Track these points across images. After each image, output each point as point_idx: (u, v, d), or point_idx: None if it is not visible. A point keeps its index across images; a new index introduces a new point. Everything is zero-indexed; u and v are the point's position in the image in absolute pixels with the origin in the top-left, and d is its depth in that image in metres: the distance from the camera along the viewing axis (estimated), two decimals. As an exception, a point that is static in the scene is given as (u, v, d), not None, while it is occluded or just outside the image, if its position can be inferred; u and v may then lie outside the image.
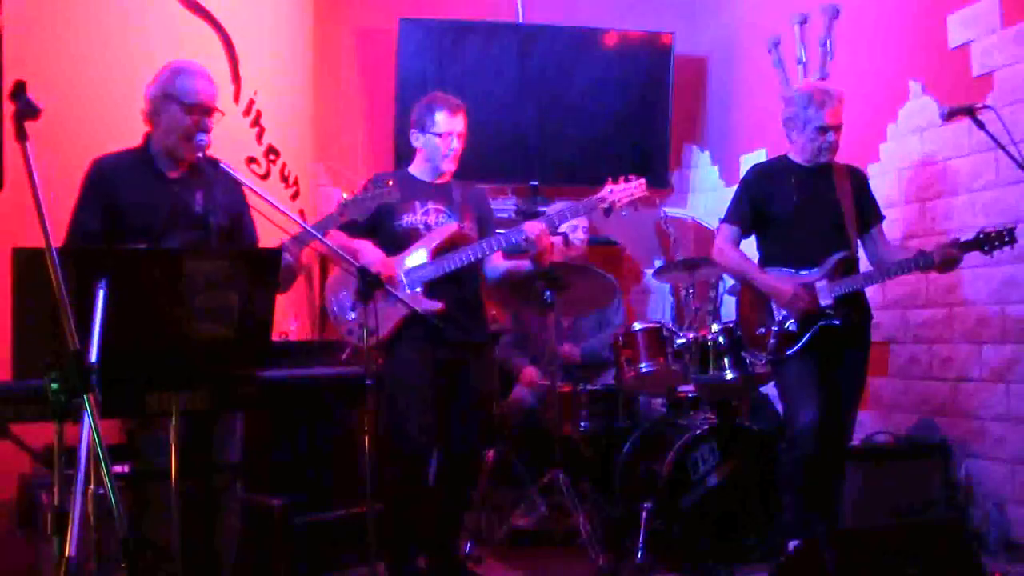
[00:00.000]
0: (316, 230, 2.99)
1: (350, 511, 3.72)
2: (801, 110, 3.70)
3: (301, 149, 5.06)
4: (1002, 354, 4.08)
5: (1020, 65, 3.99)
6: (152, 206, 2.89)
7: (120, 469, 2.77)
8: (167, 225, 2.88)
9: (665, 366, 4.23)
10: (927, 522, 3.30)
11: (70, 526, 1.73)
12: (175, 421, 2.47)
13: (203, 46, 4.19)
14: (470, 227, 3.66)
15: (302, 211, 4.83)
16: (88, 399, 1.79)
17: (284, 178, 4.77)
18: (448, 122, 3.62)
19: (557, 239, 4.49)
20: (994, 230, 3.50)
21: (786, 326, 3.63)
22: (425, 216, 3.61)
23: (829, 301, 3.62)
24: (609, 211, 3.66)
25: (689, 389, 4.48)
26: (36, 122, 1.95)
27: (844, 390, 3.68)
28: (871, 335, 3.81)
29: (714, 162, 6.21)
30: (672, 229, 6.13)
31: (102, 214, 2.85)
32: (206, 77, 2.94)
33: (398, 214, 3.57)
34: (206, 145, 2.87)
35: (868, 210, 3.79)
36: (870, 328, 3.80)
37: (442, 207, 3.64)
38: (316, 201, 5.37)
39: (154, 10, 4.01)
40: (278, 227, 2.88)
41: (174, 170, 2.95)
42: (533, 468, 4.43)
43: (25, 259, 2.16)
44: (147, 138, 2.97)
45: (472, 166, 4.00)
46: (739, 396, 4.47)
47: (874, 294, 4.32)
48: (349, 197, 3.18)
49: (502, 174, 5.83)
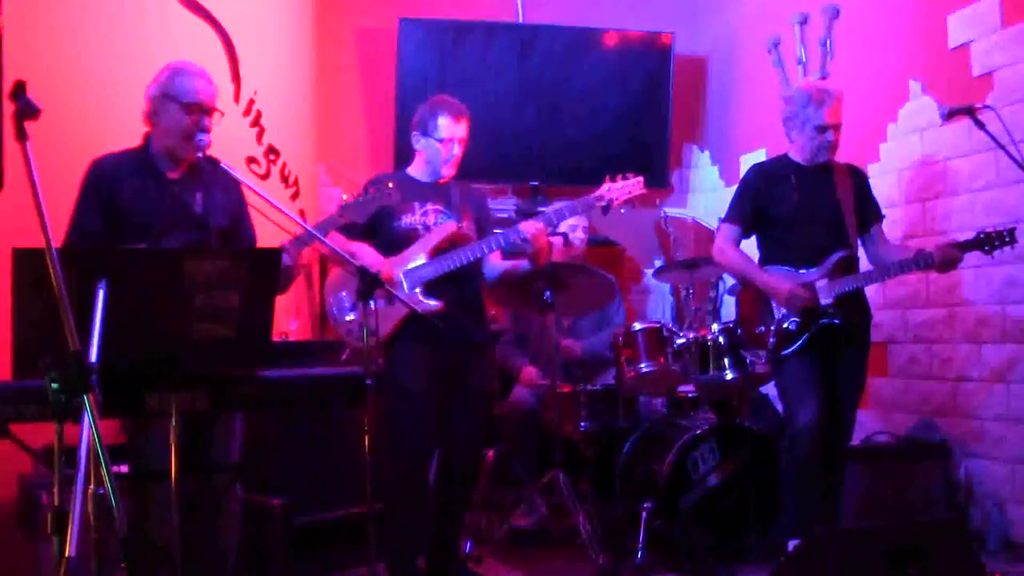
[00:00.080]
0: (316, 231, 2.99)
1: (350, 511, 3.72)
2: (800, 109, 3.70)
3: (301, 149, 5.06)
4: (1002, 354, 4.08)
5: (1020, 65, 3.99)
6: (151, 206, 2.89)
7: (120, 469, 2.77)
8: (167, 225, 2.88)
9: (665, 366, 4.23)
10: (927, 522, 3.29)
11: (70, 526, 1.73)
12: (175, 421, 2.47)
13: (203, 46, 4.19)
14: (469, 227, 3.66)
15: (302, 211, 4.83)
16: (88, 399, 1.79)
17: (284, 178, 4.77)
18: (450, 128, 3.61)
19: (557, 239, 4.50)
20: (994, 230, 3.50)
21: (786, 325, 3.63)
22: (424, 217, 3.61)
23: (829, 300, 3.62)
24: (607, 209, 3.66)
25: (689, 389, 4.48)
26: (36, 122, 1.95)
27: (844, 390, 3.68)
28: (871, 335, 3.81)
29: (714, 162, 6.21)
30: (672, 229, 6.13)
31: (102, 214, 2.85)
32: (205, 77, 2.94)
33: (397, 215, 3.57)
34: (206, 145, 2.87)
35: (868, 209, 3.79)
36: (870, 328, 3.80)
37: (441, 208, 3.64)
38: (317, 201, 5.37)
39: (154, 10, 4.01)
40: (278, 227, 2.89)
41: (174, 170, 2.95)
42: (533, 468, 4.43)
43: (25, 259, 2.16)
44: (147, 138, 2.98)
45: (472, 166, 4.00)
46: (739, 396, 4.47)
47: (874, 294, 4.32)
48: (349, 199, 3.18)
49: (502, 174, 5.83)
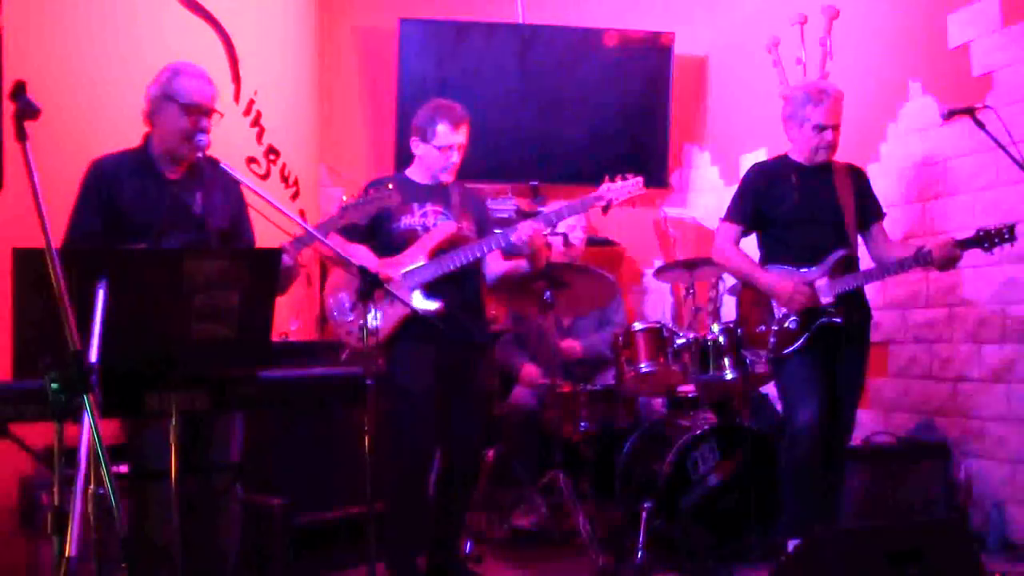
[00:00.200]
0: (316, 232, 2.99)
1: (350, 511, 3.72)
2: (799, 108, 3.71)
3: (301, 149, 5.06)
4: (1002, 354, 4.08)
5: (1020, 65, 3.99)
6: (151, 207, 2.89)
7: (120, 469, 2.77)
8: (166, 226, 2.88)
9: (665, 366, 4.22)
10: (927, 522, 3.30)
11: (70, 526, 1.73)
12: (175, 421, 2.47)
13: (203, 46, 4.19)
14: (468, 228, 3.66)
15: (302, 211, 4.83)
16: (88, 399, 1.79)
17: (284, 178, 4.78)
18: (449, 135, 3.60)
19: (557, 239, 4.50)
20: (994, 228, 3.50)
21: (786, 324, 3.63)
22: (423, 218, 3.61)
23: (829, 299, 3.62)
24: (607, 209, 3.66)
25: (689, 389, 4.48)
26: (36, 122, 1.95)
27: (844, 389, 3.68)
28: (871, 334, 3.81)
29: (714, 162, 6.21)
30: (672, 229, 6.13)
31: (102, 215, 2.85)
32: (204, 78, 2.94)
33: (397, 216, 3.57)
34: (205, 145, 2.87)
35: (868, 208, 3.79)
36: (870, 327, 3.80)
37: (440, 209, 3.64)
38: (317, 201, 5.37)
39: (154, 10, 4.01)
40: (278, 227, 2.89)
41: (173, 171, 2.95)
42: (533, 468, 4.43)
43: (25, 259, 2.16)
44: (147, 139, 2.98)
45: (472, 166, 4.00)
46: (739, 396, 4.47)
47: (874, 294, 4.32)
48: (350, 200, 3.19)
49: (502, 174, 5.83)
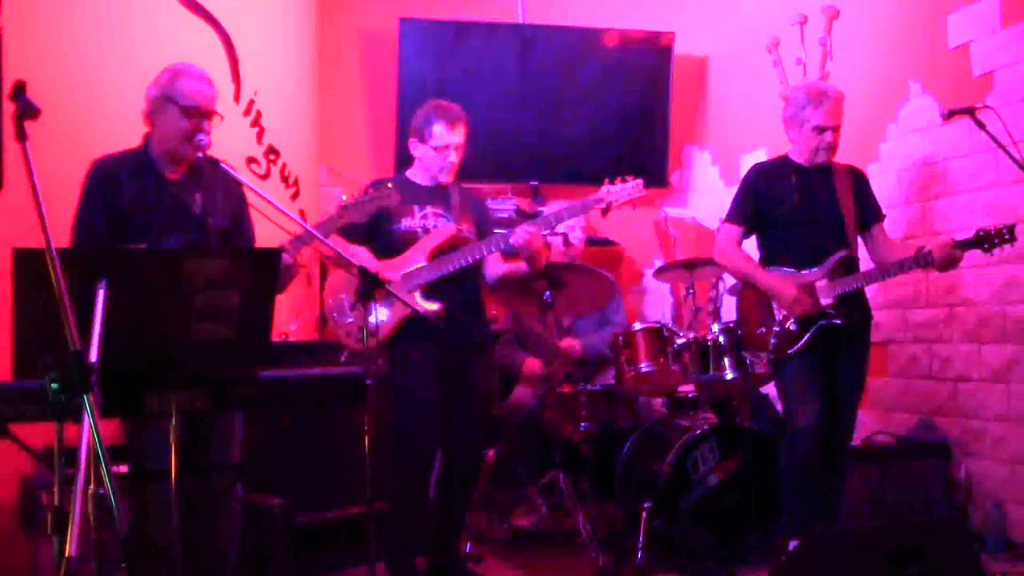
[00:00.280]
0: (316, 231, 2.99)
1: (350, 511, 3.72)
2: (799, 109, 3.71)
3: (301, 149, 5.06)
4: (1002, 354, 4.08)
5: (1020, 65, 3.99)
6: (151, 207, 2.88)
7: (120, 469, 2.77)
8: (166, 226, 2.88)
9: (665, 366, 4.23)
10: (927, 522, 3.30)
11: (70, 526, 1.73)
12: (175, 421, 2.47)
13: (203, 46, 4.19)
14: (468, 230, 3.66)
15: (302, 211, 4.83)
16: (88, 399, 1.79)
17: (284, 178, 4.78)
18: (445, 135, 3.60)
19: (557, 239, 4.50)
20: (994, 228, 3.50)
21: (787, 325, 3.63)
22: (424, 220, 3.61)
23: (829, 300, 3.62)
24: (607, 211, 3.66)
25: (689, 389, 4.48)
26: (36, 122, 1.95)
27: (844, 390, 3.68)
28: (871, 334, 3.81)
29: (714, 162, 6.21)
30: (672, 229, 6.13)
31: (105, 215, 2.85)
32: (206, 80, 2.93)
33: (397, 218, 3.57)
34: (206, 145, 2.87)
35: (868, 209, 3.79)
36: (870, 327, 3.80)
37: (440, 211, 3.64)
38: (317, 201, 5.37)
39: (155, 10, 4.01)
40: (278, 227, 2.88)
41: (173, 171, 2.95)
42: (533, 468, 4.43)
43: (25, 259, 2.16)
44: (146, 139, 2.97)
45: (472, 166, 4.00)
46: (739, 396, 4.47)
47: (874, 294, 4.32)
48: (350, 200, 3.18)
49: (502, 174, 5.83)
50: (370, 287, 2.88)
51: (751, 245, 3.86)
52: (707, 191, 6.22)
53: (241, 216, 3.09)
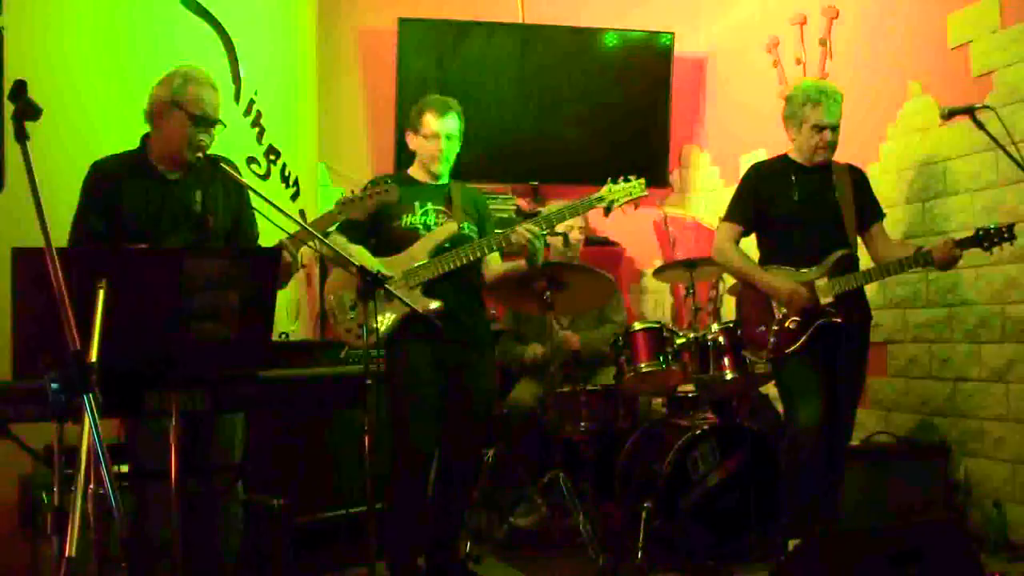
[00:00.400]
0: (315, 227, 2.99)
1: (350, 511, 3.72)
2: (798, 108, 3.71)
3: (301, 149, 5.06)
4: (1002, 354, 4.08)
5: (1020, 65, 3.99)
6: (152, 208, 2.89)
7: (120, 469, 2.77)
8: (168, 226, 2.88)
9: (665, 366, 4.23)
10: (927, 522, 3.30)
11: (70, 526, 1.73)
12: (175, 421, 2.47)
13: (203, 46, 4.19)
14: (469, 227, 3.66)
15: (302, 212, 4.83)
16: (88, 399, 1.79)
17: (284, 178, 4.77)
18: (435, 123, 3.61)
19: (557, 239, 4.50)
20: (993, 227, 3.50)
21: (786, 325, 3.63)
22: (424, 217, 3.61)
23: (829, 299, 3.62)
24: (609, 210, 3.66)
25: (689, 389, 4.48)
26: (36, 122, 1.95)
27: (844, 389, 3.67)
28: (871, 334, 3.81)
29: (714, 162, 6.21)
30: (672, 229, 6.13)
31: (105, 217, 2.85)
32: (214, 88, 2.93)
33: (397, 215, 3.57)
34: (206, 147, 2.87)
35: (868, 208, 3.79)
36: (869, 327, 3.80)
37: (441, 208, 3.64)
38: (317, 201, 5.37)
39: (155, 10, 4.01)
40: (278, 227, 2.88)
41: (173, 171, 2.95)
42: (533, 468, 4.43)
43: (25, 259, 2.16)
44: (146, 139, 2.97)
45: (472, 166, 4.01)
46: (739, 396, 4.47)
47: (874, 294, 4.32)
48: (349, 196, 3.19)
49: (502, 174, 5.83)
50: (370, 287, 2.88)
51: (751, 245, 3.86)
52: (707, 191, 6.23)
53: (243, 214, 3.08)
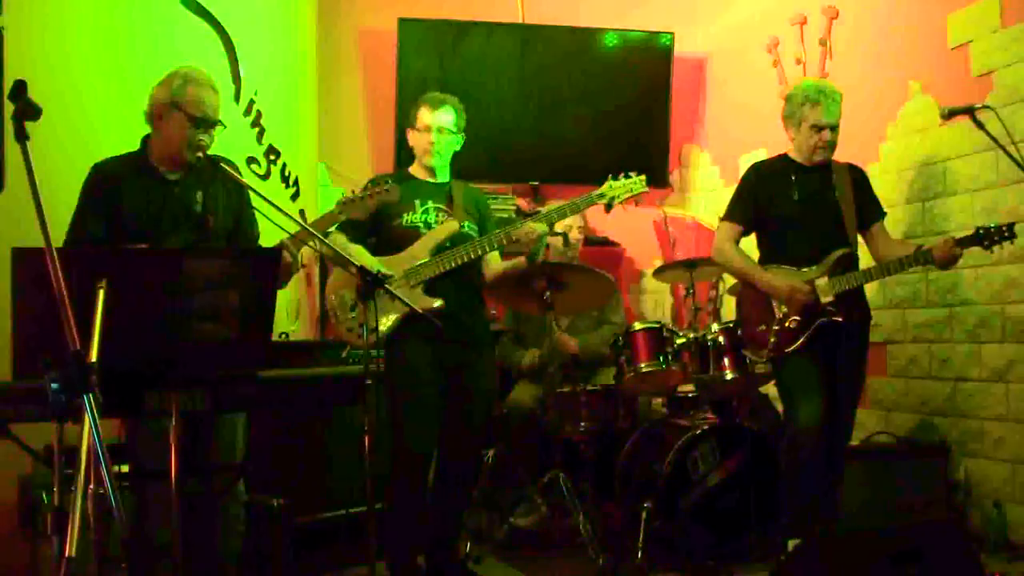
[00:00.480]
0: (315, 227, 2.99)
1: (350, 511, 3.72)
2: (797, 108, 3.71)
3: (301, 149, 5.05)
4: (1002, 354, 4.08)
5: (1020, 65, 3.99)
6: (153, 209, 2.89)
7: (120, 469, 2.77)
8: (168, 227, 2.88)
9: (665, 366, 4.22)
10: (927, 522, 3.30)
11: (70, 526, 1.73)
12: (175, 421, 2.47)
13: (203, 46, 4.19)
14: (470, 226, 3.66)
15: (302, 212, 4.83)
16: (88, 399, 1.79)
17: (284, 178, 4.77)
18: (427, 116, 3.63)
19: (557, 239, 4.49)
20: (993, 226, 3.50)
21: (786, 324, 3.63)
22: (425, 215, 3.61)
23: (829, 298, 3.62)
24: (610, 207, 3.66)
25: (689, 389, 4.48)
26: (36, 122, 1.95)
27: (843, 389, 3.67)
28: (871, 334, 3.81)
29: (714, 162, 6.21)
30: (672, 229, 6.13)
31: (104, 219, 2.84)
32: (214, 89, 2.93)
33: (398, 213, 3.57)
34: (205, 148, 2.87)
35: (868, 207, 3.79)
36: (869, 327, 3.80)
37: (442, 206, 3.64)
38: (316, 201, 5.36)
39: (155, 10, 4.01)
40: (279, 227, 2.88)
41: (173, 172, 2.95)
42: (533, 468, 4.43)
43: (25, 259, 2.16)
44: (147, 141, 2.97)
45: (472, 166, 4.00)
46: (739, 396, 4.47)
47: (874, 294, 4.32)
48: (349, 196, 3.19)
49: (502, 174, 5.83)
50: (371, 287, 2.88)
51: (751, 245, 3.86)
52: (707, 191, 6.22)
53: (244, 213, 3.08)
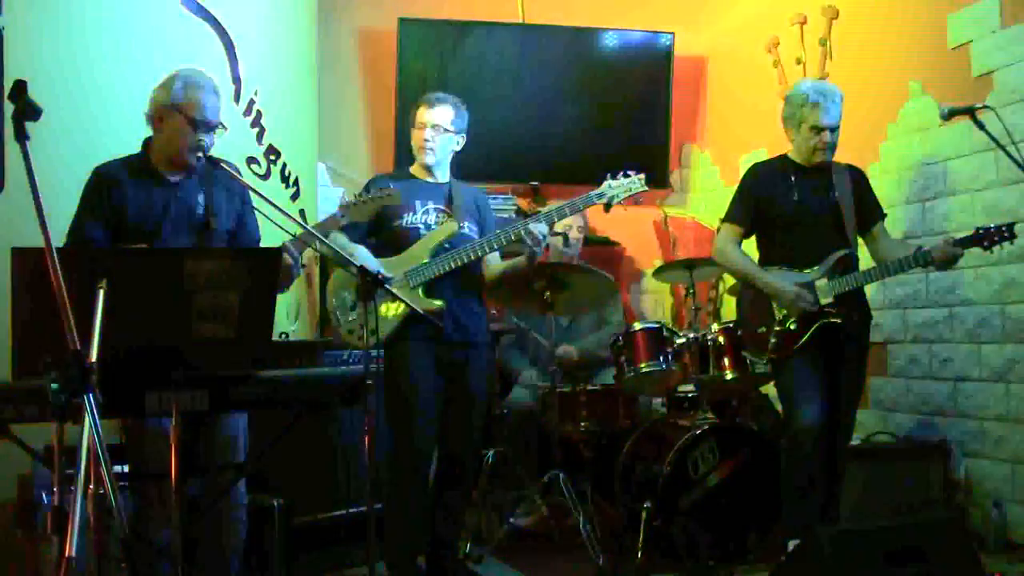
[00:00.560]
0: (317, 231, 2.99)
1: (350, 511, 3.72)
2: (797, 109, 3.71)
3: (302, 149, 5.05)
4: (1002, 354, 4.08)
5: (1020, 65, 4.00)
6: (155, 211, 2.89)
7: (120, 469, 2.77)
8: (170, 229, 2.88)
9: (665, 366, 4.23)
10: (927, 521, 3.30)
11: (70, 526, 1.73)
12: (175, 421, 2.47)
13: (203, 46, 4.19)
14: (470, 227, 3.66)
15: (303, 212, 4.83)
16: (88, 399, 1.79)
17: (284, 178, 4.77)
18: (423, 114, 3.63)
19: (557, 239, 4.50)
20: (993, 227, 3.50)
21: (787, 325, 3.63)
22: (425, 216, 3.61)
23: (829, 299, 3.62)
24: (609, 206, 3.66)
25: (689, 389, 4.48)
26: (36, 122, 1.95)
27: (843, 389, 3.67)
28: (871, 334, 3.81)
29: (714, 162, 6.21)
30: (672, 229, 6.13)
31: (104, 221, 2.84)
32: (215, 92, 2.92)
33: (399, 214, 3.57)
34: (205, 148, 2.87)
35: (869, 208, 3.79)
36: (869, 327, 3.80)
37: (442, 207, 3.64)
38: (316, 201, 5.37)
39: (155, 10, 4.01)
40: (280, 227, 2.88)
41: (175, 174, 2.95)
42: (533, 468, 4.43)
43: (25, 259, 2.16)
44: (148, 143, 2.97)
45: (472, 166, 4.00)
46: (739, 396, 4.47)
47: (874, 294, 4.32)
48: (351, 200, 3.20)
49: (502, 174, 5.83)
50: (371, 287, 2.88)
51: (751, 245, 3.86)
52: (707, 191, 6.23)
53: (244, 215, 3.08)
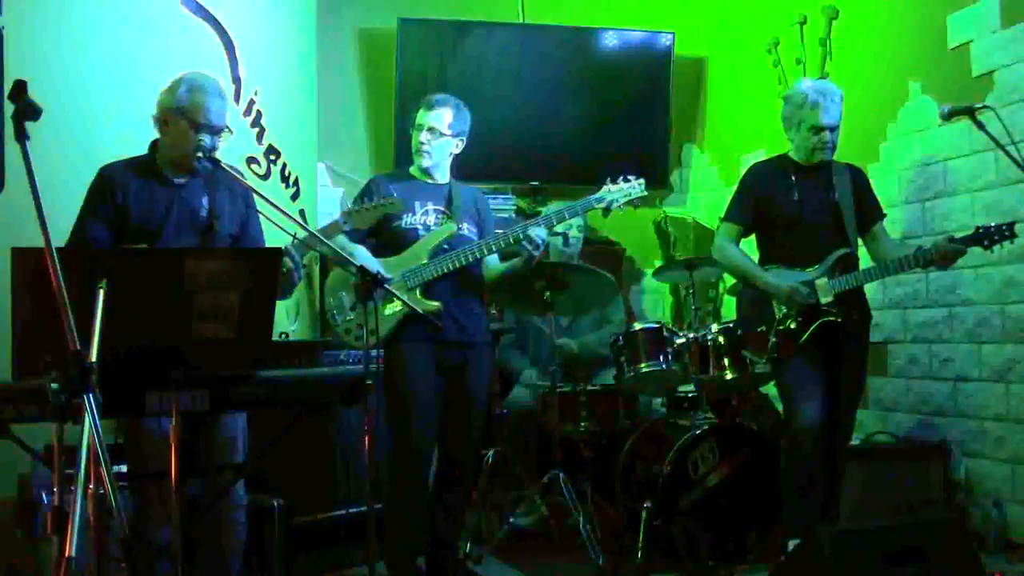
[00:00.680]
0: (317, 233, 3.00)
1: (350, 511, 3.72)
2: (796, 109, 3.70)
3: (302, 149, 5.05)
4: (1002, 354, 4.08)
5: (1020, 65, 4.00)
6: (158, 212, 2.89)
7: (120, 469, 2.77)
8: (174, 231, 2.88)
9: (665, 366, 4.22)
10: (927, 521, 3.30)
11: (70, 526, 1.73)
12: (175, 421, 2.47)
13: (203, 46, 4.19)
14: (469, 228, 3.66)
15: (303, 212, 4.83)
16: (88, 399, 1.79)
17: (284, 178, 4.77)
18: (420, 116, 3.63)
19: (557, 239, 4.50)
20: (994, 226, 3.50)
21: (787, 324, 3.63)
22: (424, 217, 3.61)
23: (829, 298, 3.61)
24: (608, 211, 3.66)
25: (689, 389, 4.48)
26: (36, 122, 1.95)
27: (844, 389, 3.67)
28: (871, 334, 3.81)
29: (714, 162, 6.21)
30: (672, 229, 6.13)
31: (109, 222, 2.84)
32: (221, 96, 2.91)
33: (398, 215, 3.57)
34: (205, 148, 2.87)
35: (868, 208, 3.79)
36: (869, 327, 3.80)
37: (441, 208, 3.64)
38: (317, 201, 5.36)
39: (155, 10, 4.01)
40: (282, 228, 2.88)
41: (180, 176, 2.95)
42: (533, 468, 4.43)
43: (25, 259, 2.16)
44: (156, 145, 2.97)
45: (472, 166, 4.00)
46: (739, 396, 4.47)
47: (874, 294, 4.32)
48: (354, 207, 3.21)
49: (502, 174, 5.83)
50: (370, 287, 2.88)
51: (751, 245, 3.86)
52: (707, 191, 6.23)
53: (249, 217, 3.08)
